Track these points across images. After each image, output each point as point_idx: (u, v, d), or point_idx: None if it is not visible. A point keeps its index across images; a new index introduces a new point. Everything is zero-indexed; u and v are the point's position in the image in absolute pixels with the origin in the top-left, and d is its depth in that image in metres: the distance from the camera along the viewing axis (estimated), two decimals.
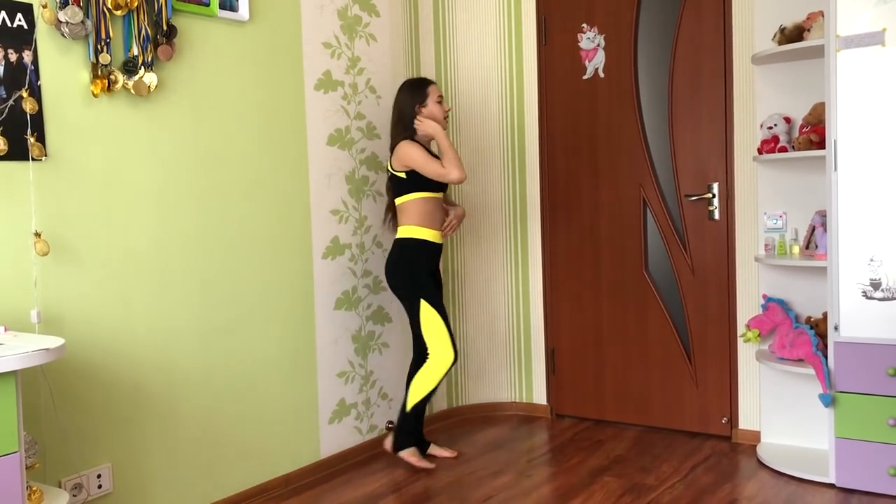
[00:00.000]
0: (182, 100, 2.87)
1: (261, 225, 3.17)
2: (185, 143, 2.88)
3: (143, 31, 2.69)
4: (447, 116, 3.54)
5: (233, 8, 3.01)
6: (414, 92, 3.46)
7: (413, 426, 3.49)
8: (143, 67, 2.69)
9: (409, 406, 3.43)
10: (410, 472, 3.40)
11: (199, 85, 2.93)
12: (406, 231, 3.41)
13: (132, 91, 2.68)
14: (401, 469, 3.44)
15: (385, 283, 3.78)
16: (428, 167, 3.33)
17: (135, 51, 2.67)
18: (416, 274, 3.40)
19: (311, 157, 3.40)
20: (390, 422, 3.79)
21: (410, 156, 3.34)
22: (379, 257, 3.75)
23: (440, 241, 3.47)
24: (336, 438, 3.53)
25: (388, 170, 3.45)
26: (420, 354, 3.49)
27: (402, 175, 3.38)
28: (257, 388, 3.16)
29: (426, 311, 3.38)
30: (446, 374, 3.41)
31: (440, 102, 3.48)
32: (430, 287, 3.41)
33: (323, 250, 3.46)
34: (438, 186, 3.43)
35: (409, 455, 3.47)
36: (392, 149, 3.43)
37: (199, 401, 2.94)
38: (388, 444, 3.57)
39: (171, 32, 2.77)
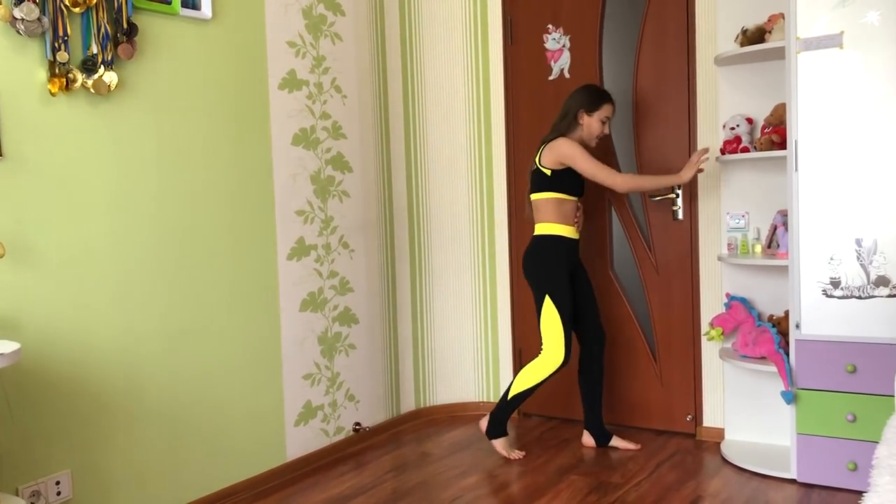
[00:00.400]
0: (143, 99, 2.82)
1: (224, 226, 3.13)
2: (147, 143, 2.84)
3: (103, 29, 2.64)
4: (598, 139, 3.49)
5: (195, 6, 2.97)
6: (590, 98, 3.44)
7: (507, 414, 3.53)
8: (102, 66, 2.65)
9: (510, 394, 3.48)
10: (377, 475, 3.39)
11: (161, 84, 2.88)
12: (544, 228, 3.43)
13: (91, 90, 2.63)
14: (367, 471, 3.43)
15: (352, 285, 3.76)
16: (588, 164, 3.33)
17: (94, 49, 2.63)
18: (548, 269, 3.41)
19: (276, 157, 3.37)
20: (357, 424, 3.78)
21: (570, 152, 3.34)
22: (345, 258, 3.73)
23: (576, 237, 3.48)
24: (302, 441, 3.50)
25: (534, 161, 3.47)
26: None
27: (547, 172, 3.39)
28: (222, 391, 3.12)
29: (548, 307, 3.40)
30: (553, 374, 3.42)
31: (604, 123, 3.45)
32: (561, 285, 3.40)
33: (288, 251, 3.43)
34: (577, 191, 3.44)
35: (500, 446, 3.53)
36: (546, 142, 3.44)
37: (163, 404, 2.90)
38: (483, 425, 3.61)
39: (132, 31, 2.72)
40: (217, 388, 3.10)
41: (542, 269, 3.42)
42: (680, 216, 3.70)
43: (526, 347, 4.14)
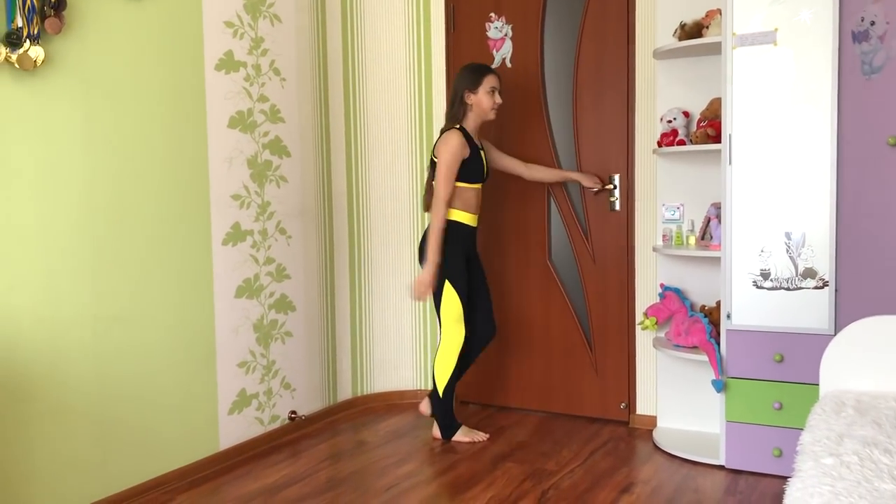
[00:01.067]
0: (72, 76, 2.72)
1: (156, 209, 3.04)
2: (75, 121, 2.74)
3: (29, 2, 2.53)
4: (495, 109, 3.50)
5: None
6: (469, 76, 3.47)
7: (449, 408, 3.57)
8: (28, 40, 2.54)
9: (439, 391, 3.53)
10: (312, 463, 3.35)
11: (91, 61, 2.78)
12: (433, 206, 3.46)
13: (16, 65, 2.52)
14: (302, 460, 3.39)
15: (289, 272, 3.71)
16: (440, 174, 3.39)
17: (19, 22, 2.51)
18: (449, 255, 3.44)
19: (211, 139, 3.29)
20: (293, 412, 3.73)
21: (444, 154, 3.40)
22: (282, 244, 3.67)
23: (475, 224, 3.52)
24: (236, 429, 3.44)
25: (432, 151, 3.51)
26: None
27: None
28: (153, 379, 3.04)
29: (448, 292, 3.45)
30: (461, 352, 3.49)
31: (492, 93, 3.47)
32: (459, 270, 3.46)
33: (223, 236, 3.36)
34: (476, 177, 3.48)
35: (462, 436, 3.57)
36: (441, 131, 3.50)
37: (90, 393, 2.81)
38: (436, 433, 3.62)
39: (60, 4, 2.61)
40: (147, 375, 3.02)
41: (441, 256, 3.44)
42: (617, 207, 3.75)
43: None
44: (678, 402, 3.61)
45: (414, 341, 4.23)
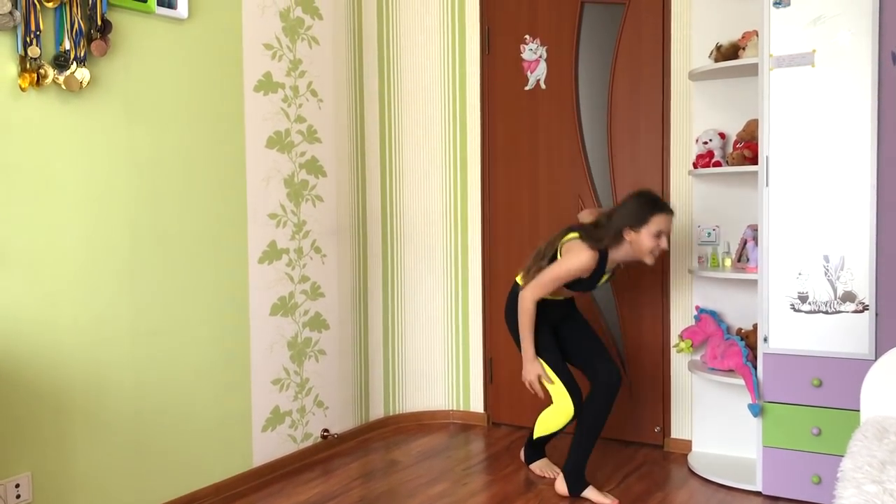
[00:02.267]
0: (116, 97, 2.78)
1: (195, 227, 3.09)
2: (118, 141, 2.80)
3: (76, 25, 2.60)
4: (655, 254, 3.06)
5: (171, 5, 2.94)
6: (636, 210, 3.04)
7: (540, 449, 3.44)
8: (74, 62, 2.61)
9: (534, 435, 3.37)
10: (344, 482, 3.36)
11: (134, 83, 2.85)
12: (527, 287, 3.16)
13: (63, 86, 2.59)
14: (334, 478, 3.40)
15: (323, 290, 3.74)
16: (549, 278, 3.08)
17: (66, 45, 2.59)
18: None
19: (249, 159, 3.34)
20: (325, 430, 3.75)
21: (566, 257, 3.08)
22: (317, 263, 3.71)
23: (559, 298, 3.25)
24: (269, 446, 3.47)
25: (557, 245, 3.16)
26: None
27: (560, 257, 3.13)
28: (188, 394, 3.08)
29: (545, 366, 3.20)
30: (567, 423, 3.21)
31: (658, 237, 3.04)
32: (545, 343, 3.20)
33: (259, 254, 3.40)
34: (579, 289, 3.20)
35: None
36: (579, 234, 3.12)
37: (128, 407, 2.85)
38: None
39: (106, 27, 2.69)
40: (184, 391, 3.06)
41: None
42: None
43: (496, 357, 4.14)
44: (714, 426, 3.56)
45: (446, 361, 4.23)
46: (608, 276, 3.23)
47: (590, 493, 3.12)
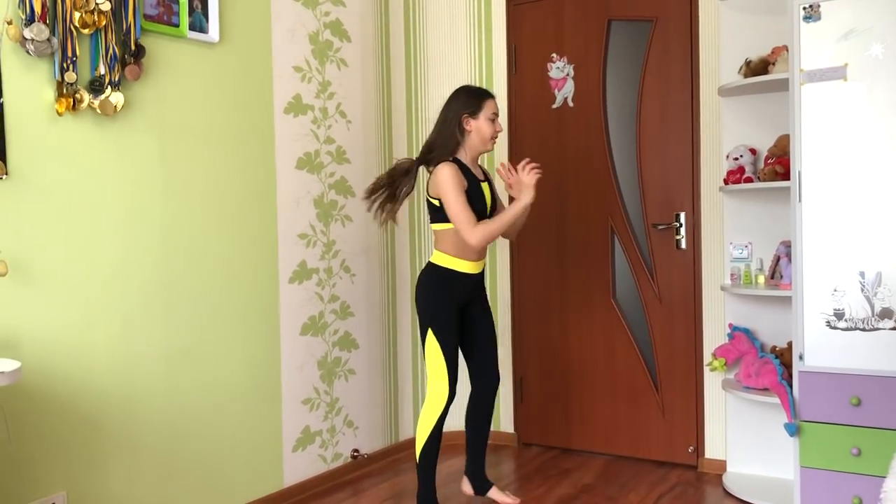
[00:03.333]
0: (149, 120, 2.83)
1: (227, 248, 3.12)
2: (152, 164, 2.84)
3: (111, 51, 2.65)
4: (495, 138, 3.12)
5: (202, 29, 2.99)
6: (469, 99, 3.09)
7: (429, 482, 3.11)
8: (109, 87, 2.66)
9: (416, 454, 3.11)
10: (375, 503, 3.34)
11: (167, 106, 2.89)
12: (437, 258, 3.08)
13: (98, 110, 2.63)
14: (364, 499, 3.39)
15: (352, 310, 3.75)
16: (454, 206, 2.95)
17: (101, 70, 2.64)
18: (435, 303, 3.05)
19: (280, 180, 3.37)
20: (355, 450, 3.74)
21: (443, 186, 2.97)
22: (346, 282, 3.72)
23: (476, 271, 3.12)
24: (300, 466, 3.46)
25: (426, 191, 3.13)
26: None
27: (436, 203, 3.04)
28: (220, 414, 3.09)
29: (430, 342, 3.04)
30: (444, 411, 3.06)
31: (493, 120, 3.09)
32: (445, 319, 3.05)
33: (290, 274, 3.42)
34: (479, 214, 3.03)
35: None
36: (430, 168, 3.09)
37: (160, 427, 2.87)
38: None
39: (140, 52, 2.73)
40: (215, 411, 3.07)
41: (427, 302, 3.07)
42: (683, 245, 3.70)
43: (526, 376, 4.11)
44: (749, 445, 3.50)
45: None
46: (490, 191, 3.14)
47: (494, 492, 3.31)
